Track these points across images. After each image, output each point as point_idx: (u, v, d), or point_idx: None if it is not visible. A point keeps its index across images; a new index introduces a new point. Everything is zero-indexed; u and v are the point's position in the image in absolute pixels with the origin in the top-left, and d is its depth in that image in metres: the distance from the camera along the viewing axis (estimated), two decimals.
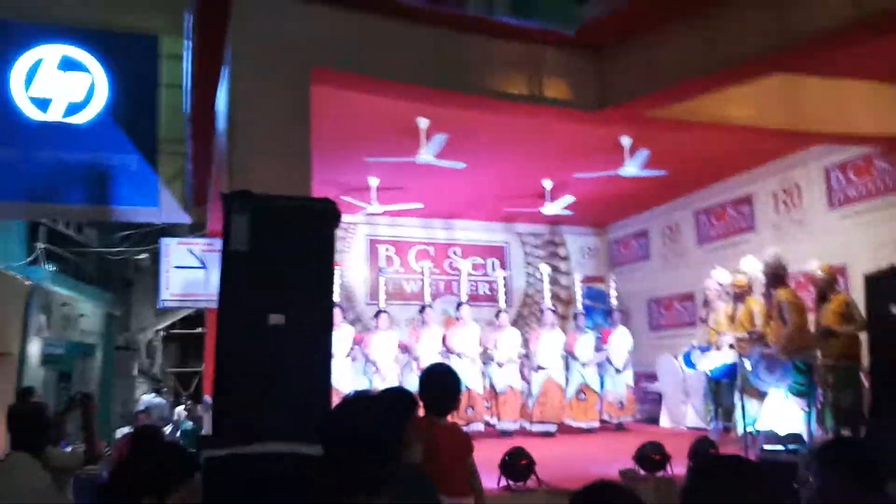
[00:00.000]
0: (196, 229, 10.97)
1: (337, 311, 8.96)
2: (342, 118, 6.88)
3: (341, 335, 8.85)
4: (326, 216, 3.66)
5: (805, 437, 6.44)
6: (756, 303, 7.57)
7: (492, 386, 9.27)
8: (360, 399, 1.95)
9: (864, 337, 7.15)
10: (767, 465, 5.14)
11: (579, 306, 10.30)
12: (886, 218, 7.75)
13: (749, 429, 6.85)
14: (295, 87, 4.85)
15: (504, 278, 10.47)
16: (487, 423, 9.07)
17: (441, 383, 3.32)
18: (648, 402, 10.68)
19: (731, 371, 7.43)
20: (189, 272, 9.93)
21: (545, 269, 10.73)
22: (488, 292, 11.83)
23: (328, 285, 3.64)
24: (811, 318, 7.10)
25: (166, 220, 9.94)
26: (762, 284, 7.39)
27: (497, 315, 9.70)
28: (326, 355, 3.54)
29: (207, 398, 7.68)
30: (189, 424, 10.33)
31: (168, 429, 9.78)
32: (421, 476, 2.71)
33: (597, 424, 9.42)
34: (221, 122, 5.69)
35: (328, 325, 3.59)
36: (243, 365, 3.31)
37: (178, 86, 8.24)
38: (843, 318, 6.93)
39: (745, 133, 6.77)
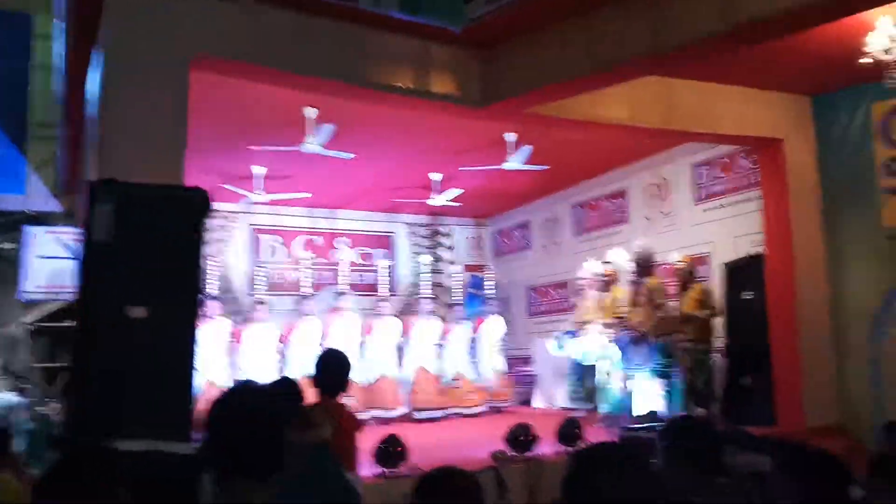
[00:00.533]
0: (70, 218, 10.37)
1: (214, 304, 8.74)
2: (228, 106, 6.71)
3: (218, 328, 8.64)
4: (196, 206, 3.54)
5: (665, 415, 6.90)
6: (621, 291, 8.05)
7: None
8: (248, 387, 1.95)
9: (717, 322, 7.79)
10: (627, 443, 5.47)
11: (458, 296, 10.49)
12: (745, 211, 8.38)
13: (614, 408, 7.32)
14: (172, 74, 4.66)
15: (388, 268, 10.51)
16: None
17: (335, 366, 3.63)
18: (524, 384, 11.08)
19: (596, 355, 7.88)
20: (56, 263, 9.40)
21: (425, 260, 10.95)
22: (375, 282, 11.85)
23: (195, 278, 3.52)
24: (672, 304, 7.63)
25: (33, 208, 9.36)
26: (629, 273, 7.85)
27: (378, 305, 9.72)
28: (190, 350, 3.41)
29: None
30: (31, 425, 9.35)
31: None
32: (327, 454, 2.98)
33: (475, 410, 9.63)
34: (93, 107, 5.41)
35: (193, 320, 3.47)
36: (101, 360, 3.15)
37: (51, 68, 7.77)
38: (701, 305, 7.56)
39: (620, 131, 7.11)
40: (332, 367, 3.62)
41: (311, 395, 3.58)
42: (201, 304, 8.53)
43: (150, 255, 3.35)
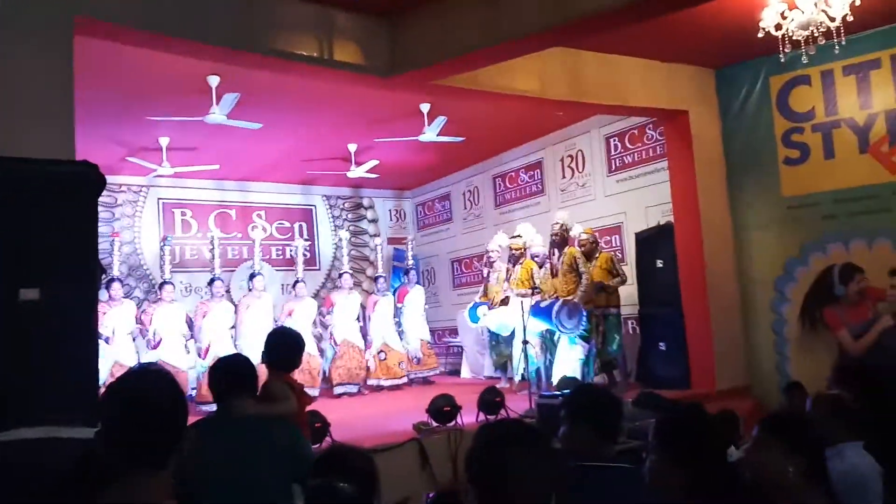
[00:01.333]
0: None
1: (117, 286, 8.41)
2: (127, 73, 6.39)
3: (124, 311, 8.33)
4: (87, 182, 3.37)
5: (582, 381, 7.07)
6: (531, 263, 8.18)
7: None
8: (145, 371, 1.85)
9: (629, 290, 8.01)
10: (544, 409, 5.58)
11: (380, 269, 10.45)
12: (655, 182, 8.59)
13: (531, 376, 7.46)
14: (55, 37, 4.36)
15: (307, 245, 10.31)
16: None
17: (289, 344, 3.77)
18: (452, 355, 11.18)
19: (509, 327, 8.01)
20: None
21: (344, 235, 10.85)
22: (294, 256, 11.66)
23: (91, 257, 3.37)
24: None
25: None
26: (543, 245, 7.98)
27: (294, 285, 9.53)
28: (91, 331, 3.30)
29: None
30: None
31: None
32: (294, 427, 3.17)
33: (401, 381, 9.62)
34: None
35: (91, 301, 3.34)
36: None
37: None
38: (609, 273, 7.76)
39: (530, 103, 7.12)
40: (287, 345, 3.73)
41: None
42: (103, 284, 8.25)
43: (39, 235, 3.17)
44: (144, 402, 1.58)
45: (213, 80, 6.68)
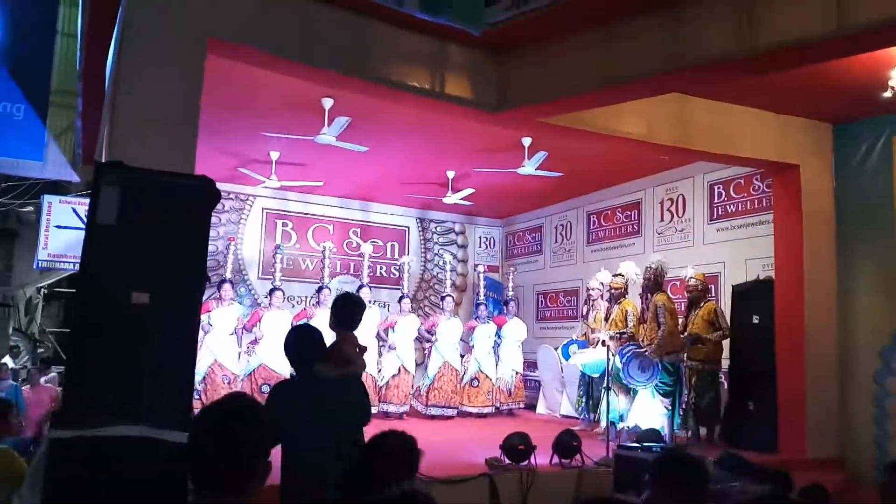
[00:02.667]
0: (89, 188, 10.48)
1: (227, 287, 8.80)
2: (246, 90, 6.74)
3: (229, 312, 8.70)
4: (203, 195, 3.57)
5: (666, 435, 6.86)
6: (630, 304, 7.99)
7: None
8: (236, 402, 1.90)
9: (725, 343, 7.72)
10: (621, 460, 5.44)
11: (482, 296, 10.50)
12: (758, 233, 8.30)
13: (612, 423, 7.26)
14: (188, 56, 4.65)
15: (408, 264, 10.52)
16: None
17: (352, 304, 4.13)
18: (529, 388, 11.09)
19: (602, 367, 7.82)
20: (71, 233, 9.51)
21: (448, 258, 10.99)
22: (385, 274, 11.90)
23: (199, 266, 3.55)
24: (678, 322, 7.57)
25: (51, 177, 9.45)
26: (639, 287, 7.78)
27: (399, 300, 9.79)
28: (191, 339, 3.47)
29: None
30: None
31: None
32: (362, 385, 3.76)
33: (489, 410, 9.67)
34: (108, 82, 5.44)
35: (195, 309, 3.52)
36: (100, 343, 3.19)
37: (76, 35, 7.78)
38: (710, 325, 7.49)
39: (636, 145, 7.04)
40: (351, 305, 4.07)
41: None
42: (216, 288, 8.68)
43: (155, 242, 3.38)
44: (232, 434, 1.66)
45: (327, 103, 6.95)
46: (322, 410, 3.36)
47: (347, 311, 4.05)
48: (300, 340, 3.60)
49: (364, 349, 4.26)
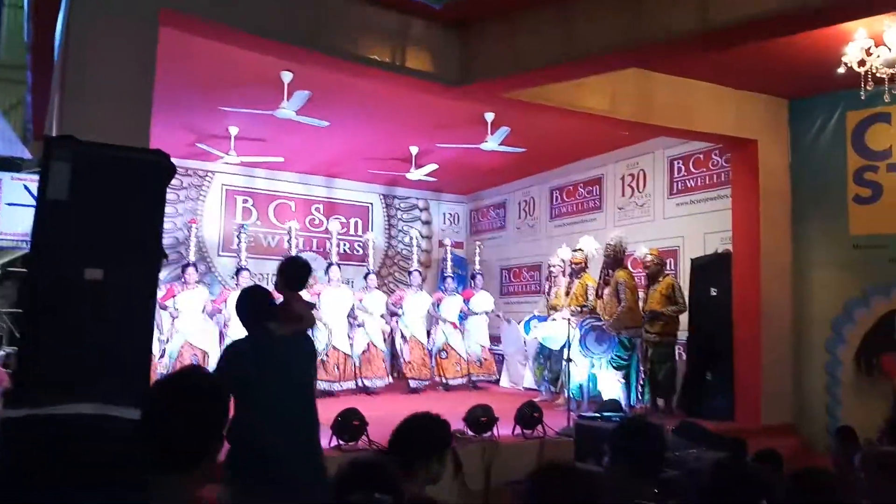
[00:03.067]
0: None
1: (191, 271, 8.66)
2: (204, 63, 6.58)
3: (197, 294, 8.58)
4: (157, 169, 3.51)
5: (624, 406, 7.00)
6: (590, 279, 8.08)
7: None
8: (195, 372, 1.85)
9: (682, 317, 7.87)
10: (581, 430, 5.53)
11: (449, 269, 10.51)
12: (717, 207, 8.43)
13: (573, 394, 7.39)
14: (140, 27, 4.53)
15: (372, 240, 10.46)
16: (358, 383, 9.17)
17: (300, 265, 4.19)
18: (495, 363, 11.16)
19: (562, 341, 7.92)
20: (24, 211, 9.24)
21: (415, 234, 10.97)
22: (350, 251, 11.83)
23: (154, 242, 3.49)
24: (638, 297, 7.68)
25: (0, 152, 9.17)
26: (600, 262, 7.86)
27: (365, 277, 9.76)
28: (148, 315, 3.43)
29: None
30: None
31: None
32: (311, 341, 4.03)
33: (460, 381, 9.73)
34: (57, 54, 5.28)
35: (152, 284, 3.46)
36: (52, 320, 3.12)
37: (23, 6, 7.51)
38: (668, 300, 7.62)
39: (598, 120, 7.08)
40: (297, 268, 4.16)
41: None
42: (181, 271, 8.53)
43: (108, 217, 3.31)
44: (184, 403, 1.60)
45: (286, 77, 6.84)
46: (279, 364, 3.50)
47: (294, 272, 4.14)
48: (251, 299, 3.68)
49: (312, 305, 4.42)
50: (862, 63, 5.16)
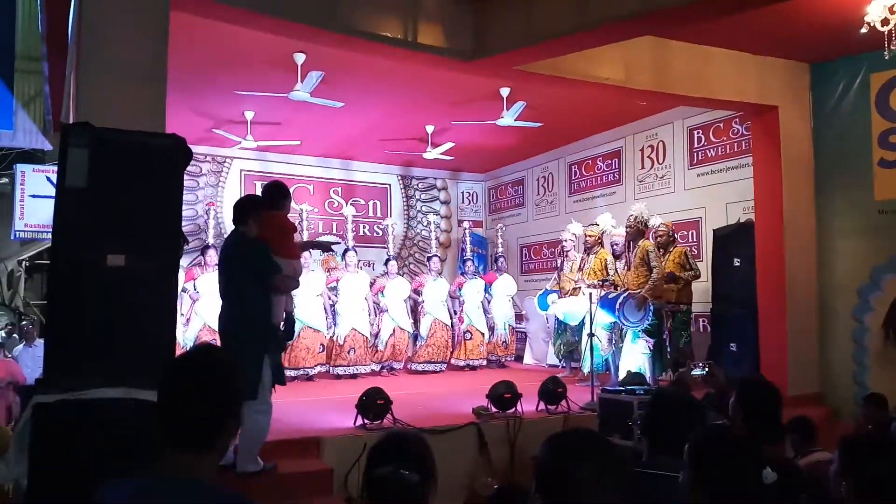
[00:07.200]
0: None
1: (211, 253, 8.71)
2: (217, 47, 6.59)
3: (216, 277, 8.60)
4: (174, 154, 3.52)
5: (650, 378, 6.95)
6: (606, 254, 8.03)
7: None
8: (209, 350, 1.84)
9: (696, 287, 7.82)
10: (606, 404, 5.52)
11: (468, 252, 10.48)
12: (738, 176, 8.32)
13: (596, 369, 7.36)
14: (150, 12, 4.51)
15: (391, 226, 10.46)
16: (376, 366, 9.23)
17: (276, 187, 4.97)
18: (518, 341, 11.17)
19: (582, 315, 7.89)
20: (48, 202, 9.34)
21: (433, 219, 10.95)
22: (369, 233, 11.85)
23: (174, 226, 3.51)
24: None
25: (21, 145, 9.26)
26: (611, 237, 7.80)
27: (386, 263, 9.76)
28: (170, 299, 3.45)
29: None
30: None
31: None
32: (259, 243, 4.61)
33: (481, 362, 9.76)
34: (70, 41, 5.28)
35: (173, 268, 3.49)
36: (77, 307, 3.16)
37: None
38: (681, 267, 7.62)
39: (614, 91, 6.98)
40: (274, 189, 4.91)
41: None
42: (200, 254, 8.59)
43: (128, 203, 3.34)
44: (198, 381, 1.59)
45: (299, 58, 6.82)
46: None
47: (271, 193, 4.78)
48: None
49: (294, 227, 5.12)
50: (885, 22, 5.02)
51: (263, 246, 4.53)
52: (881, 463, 1.98)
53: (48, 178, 9.64)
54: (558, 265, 9.05)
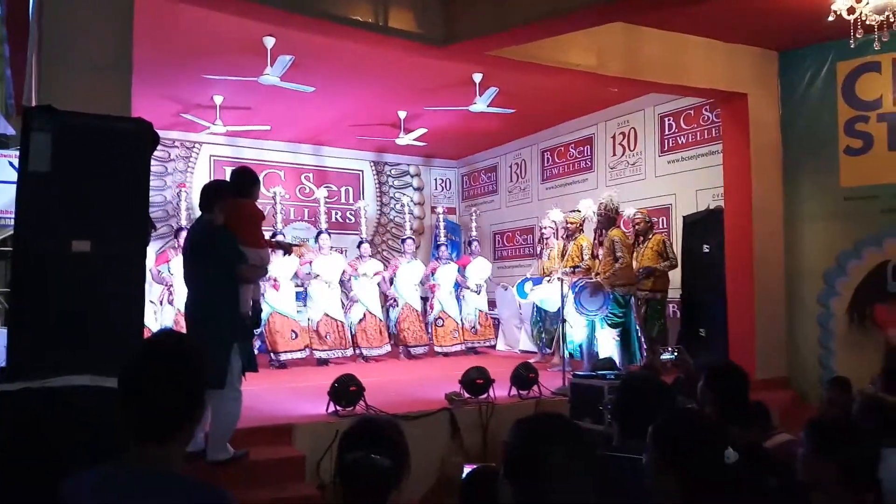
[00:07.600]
0: None
1: (184, 235, 8.57)
2: (185, 30, 6.48)
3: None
4: (140, 138, 3.45)
5: (618, 363, 7.02)
6: (585, 239, 8.08)
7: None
8: (171, 335, 1.81)
9: (673, 274, 7.90)
10: (577, 389, 5.57)
11: (442, 238, 10.48)
12: (708, 163, 8.40)
13: (571, 354, 7.42)
14: None
15: (363, 208, 10.40)
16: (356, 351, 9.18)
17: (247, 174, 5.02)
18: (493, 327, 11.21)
19: (557, 302, 7.92)
20: (11, 188, 9.12)
21: (406, 201, 10.91)
22: (341, 220, 11.79)
23: (141, 211, 3.44)
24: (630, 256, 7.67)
25: None
26: (594, 223, 7.85)
27: (359, 246, 9.70)
28: (138, 284, 3.39)
29: None
30: None
31: None
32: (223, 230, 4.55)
33: (456, 348, 9.76)
34: (32, 22, 5.14)
35: (140, 254, 3.42)
36: (41, 294, 3.09)
37: None
38: (659, 256, 7.67)
39: (586, 77, 6.99)
40: (243, 175, 4.90)
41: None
42: (174, 236, 8.45)
43: (93, 188, 3.27)
44: (161, 368, 1.56)
45: (269, 42, 6.72)
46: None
47: (239, 179, 4.75)
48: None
49: (262, 215, 5.02)
50: (851, 10, 5.09)
51: (230, 234, 4.47)
52: (850, 446, 2.01)
53: (10, 164, 9.38)
54: (538, 253, 9.06)
